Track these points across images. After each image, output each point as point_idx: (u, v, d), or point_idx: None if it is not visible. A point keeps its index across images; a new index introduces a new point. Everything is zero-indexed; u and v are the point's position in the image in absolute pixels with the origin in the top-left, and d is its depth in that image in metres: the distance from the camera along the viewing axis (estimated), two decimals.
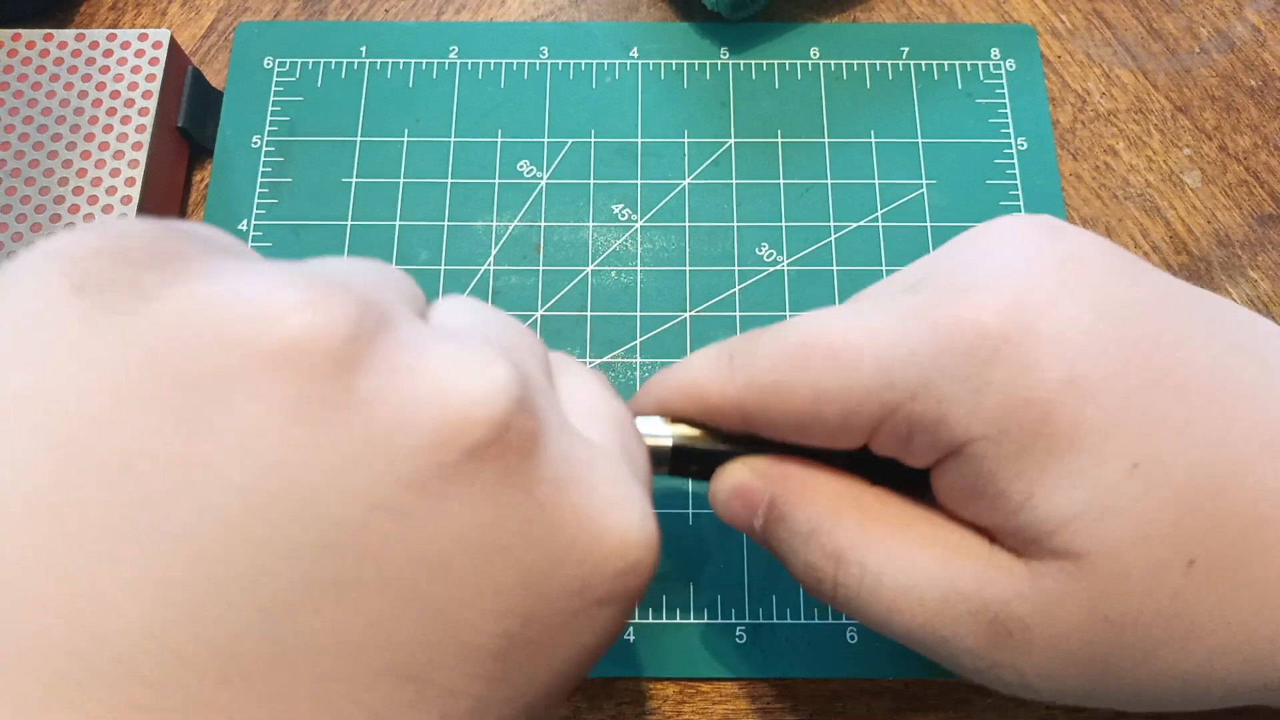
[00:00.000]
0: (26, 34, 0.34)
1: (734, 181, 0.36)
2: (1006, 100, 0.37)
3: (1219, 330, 0.19)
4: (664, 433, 0.22)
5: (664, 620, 0.30)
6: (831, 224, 0.35)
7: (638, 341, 0.33)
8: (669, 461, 0.22)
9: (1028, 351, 0.17)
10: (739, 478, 0.22)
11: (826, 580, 0.20)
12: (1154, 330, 0.18)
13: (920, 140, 0.36)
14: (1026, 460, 0.18)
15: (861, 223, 0.35)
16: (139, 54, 0.34)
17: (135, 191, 0.32)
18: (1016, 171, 0.36)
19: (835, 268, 0.34)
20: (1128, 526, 0.17)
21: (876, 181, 0.36)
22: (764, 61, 0.38)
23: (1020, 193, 0.35)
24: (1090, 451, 0.17)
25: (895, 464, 0.21)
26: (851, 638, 0.30)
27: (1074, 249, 0.19)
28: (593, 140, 0.36)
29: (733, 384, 0.20)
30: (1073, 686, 0.19)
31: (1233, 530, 0.17)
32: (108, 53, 0.34)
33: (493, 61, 0.37)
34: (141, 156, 0.33)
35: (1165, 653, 0.18)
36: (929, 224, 0.35)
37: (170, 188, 0.35)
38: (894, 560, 0.19)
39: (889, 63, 0.37)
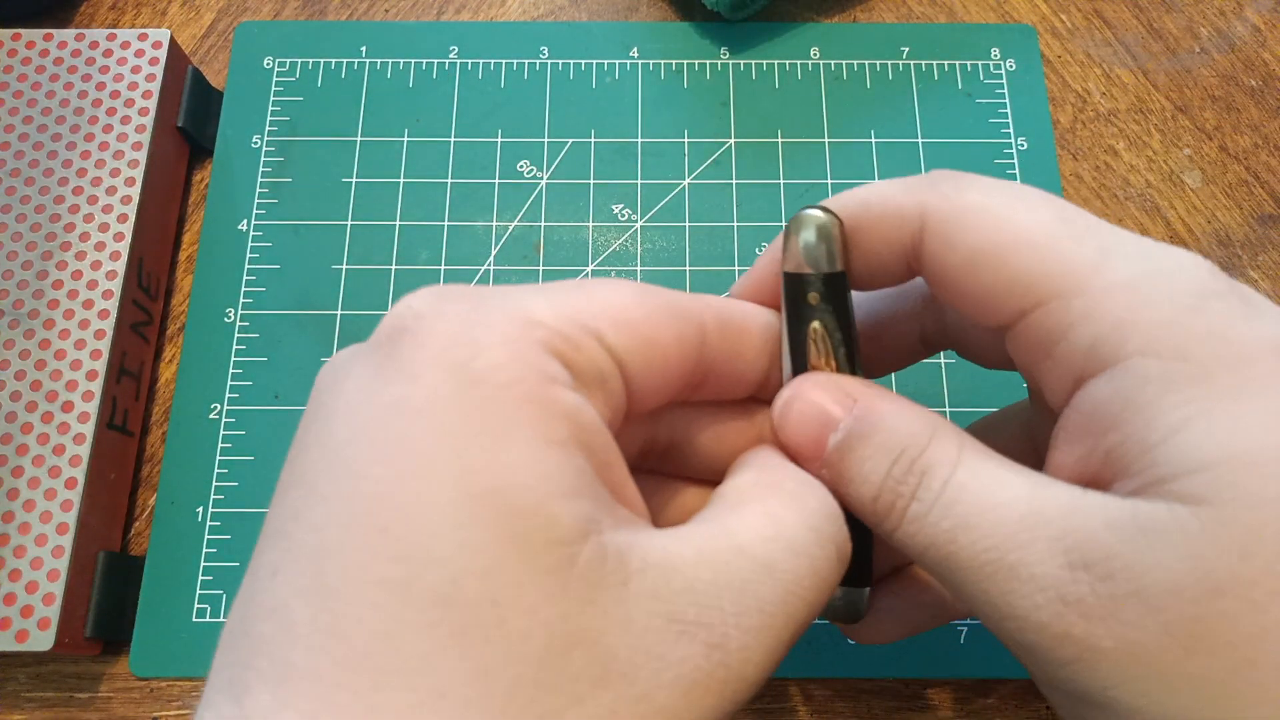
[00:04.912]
0: (26, 34, 0.34)
1: (734, 181, 0.36)
2: (1007, 100, 0.37)
3: None
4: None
5: None
6: None
7: None
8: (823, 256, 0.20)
9: (1254, 301, 0.17)
10: (819, 394, 0.20)
11: (903, 498, 0.19)
12: None
13: (920, 140, 0.36)
14: (1195, 390, 0.16)
15: None
16: (139, 54, 0.34)
17: (135, 191, 0.32)
18: (1017, 171, 0.36)
19: None
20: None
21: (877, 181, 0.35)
22: (764, 61, 0.38)
23: None
24: (1270, 402, 0.16)
25: None
26: None
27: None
28: (593, 140, 0.36)
29: (933, 195, 0.19)
30: (1139, 671, 0.16)
31: None
32: (108, 53, 0.34)
33: (493, 61, 0.37)
34: (141, 156, 0.33)
35: (1273, 654, 0.15)
36: None
37: (170, 187, 0.35)
38: (979, 476, 0.18)
39: (889, 62, 0.37)
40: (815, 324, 0.20)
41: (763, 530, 0.17)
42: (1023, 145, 0.36)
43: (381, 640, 0.14)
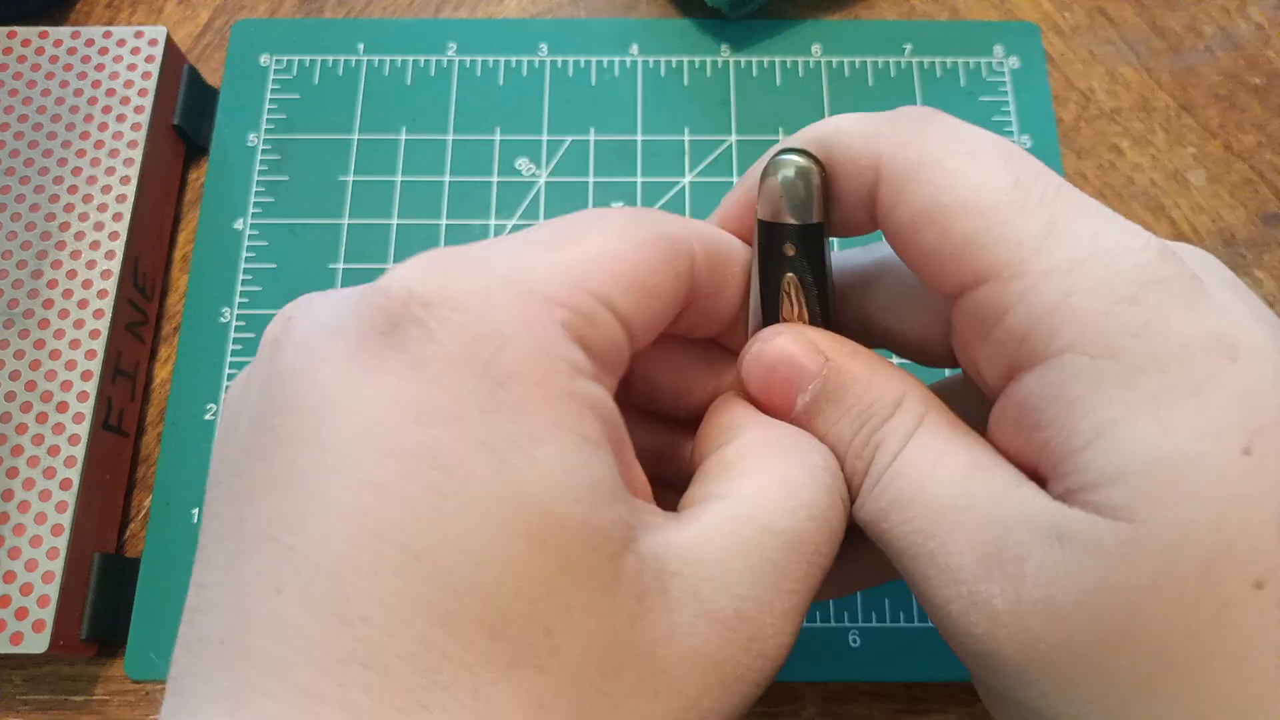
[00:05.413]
0: (22, 32, 0.34)
1: (734, 180, 0.35)
2: (1010, 98, 0.36)
3: None
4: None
5: None
6: None
7: None
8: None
9: (1202, 289, 0.16)
10: (794, 348, 0.19)
11: (859, 472, 0.18)
12: None
13: None
14: (1122, 391, 0.15)
15: None
16: (135, 52, 0.34)
17: (130, 190, 0.32)
18: None
19: None
20: (1204, 510, 0.14)
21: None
22: (765, 59, 0.37)
23: None
24: (1208, 415, 0.15)
25: None
26: (854, 641, 0.29)
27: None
28: (592, 138, 0.36)
29: (891, 141, 0.18)
30: (1038, 679, 0.16)
31: None
32: (103, 50, 0.34)
33: (491, 59, 0.37)
34: (137, 155, 0.33)
35: (1177, 681, 0.14)
36: None
37: (166, 186, 0.35)
38: (927, 452, 0.17)
39: (891, 60, 0.37)
40: (790, 275, 0.19)
41: (783, 500, 0.17)
42: (1026, 143, 0.36)
43: (427, 676, 0.13)
